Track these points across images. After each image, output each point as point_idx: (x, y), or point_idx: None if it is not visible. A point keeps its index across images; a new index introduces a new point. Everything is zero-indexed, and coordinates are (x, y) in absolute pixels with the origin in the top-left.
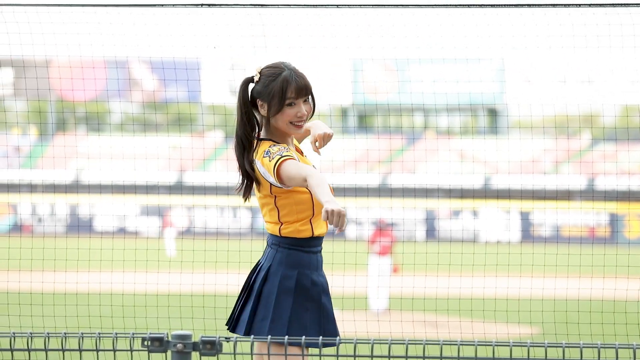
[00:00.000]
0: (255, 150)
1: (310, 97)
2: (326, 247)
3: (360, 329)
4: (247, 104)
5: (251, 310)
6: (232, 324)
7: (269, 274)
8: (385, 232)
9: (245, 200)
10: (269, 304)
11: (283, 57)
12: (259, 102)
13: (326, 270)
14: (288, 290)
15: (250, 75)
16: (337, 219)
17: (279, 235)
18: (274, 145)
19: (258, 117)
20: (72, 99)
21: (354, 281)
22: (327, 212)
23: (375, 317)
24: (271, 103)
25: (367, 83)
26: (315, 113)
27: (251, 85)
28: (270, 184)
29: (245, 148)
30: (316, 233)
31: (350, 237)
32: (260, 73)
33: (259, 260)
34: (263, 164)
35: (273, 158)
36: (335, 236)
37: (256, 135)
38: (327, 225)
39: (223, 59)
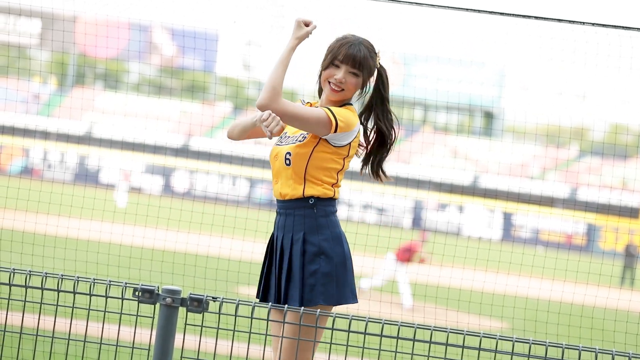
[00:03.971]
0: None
1: (362, 73)
2: (350, 228)
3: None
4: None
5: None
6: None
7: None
8: (415, 245)
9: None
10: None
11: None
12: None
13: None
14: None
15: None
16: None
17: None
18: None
19: None
20: (94, 56)
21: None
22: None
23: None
24: (325, 59)
25: None
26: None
27: None
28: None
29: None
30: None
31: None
32: None
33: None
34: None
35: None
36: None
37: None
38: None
39: (240, 34)
